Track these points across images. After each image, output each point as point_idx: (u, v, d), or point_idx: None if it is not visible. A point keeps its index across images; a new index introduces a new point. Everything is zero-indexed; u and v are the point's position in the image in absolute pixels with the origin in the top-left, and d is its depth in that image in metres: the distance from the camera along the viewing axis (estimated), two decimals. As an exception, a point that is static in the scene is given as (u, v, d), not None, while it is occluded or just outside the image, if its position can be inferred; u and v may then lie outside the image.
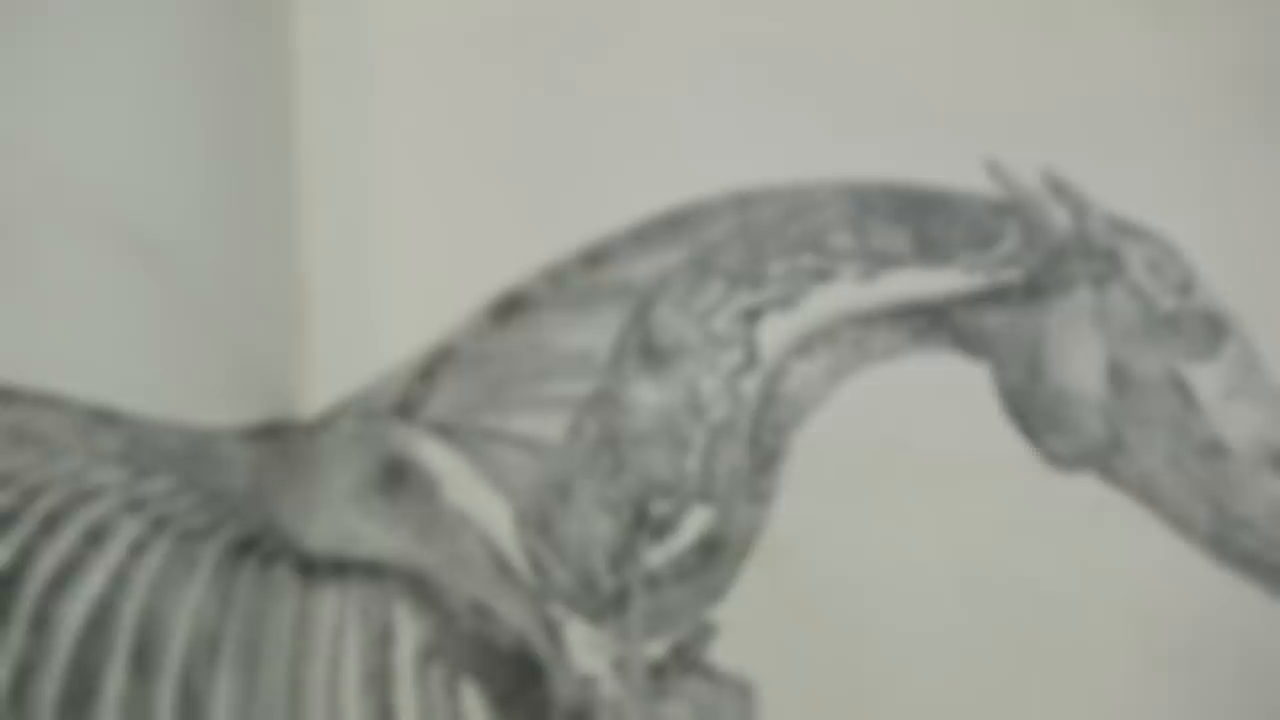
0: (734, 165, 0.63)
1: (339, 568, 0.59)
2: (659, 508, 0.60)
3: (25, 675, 0.54)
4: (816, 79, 0.65)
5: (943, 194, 0.63)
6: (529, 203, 0.64)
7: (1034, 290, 0.62)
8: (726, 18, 0.66)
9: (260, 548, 0.59)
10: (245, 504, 0.59)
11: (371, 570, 0.59)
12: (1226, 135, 0.65)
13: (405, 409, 0.61)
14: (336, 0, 0.64)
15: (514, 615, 0.59)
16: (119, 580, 0.56)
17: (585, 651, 0.59)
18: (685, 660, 0.59)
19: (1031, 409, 0.61)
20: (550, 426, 0.61)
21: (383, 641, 0.58)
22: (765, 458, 0.61)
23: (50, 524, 0.56)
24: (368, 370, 0.62)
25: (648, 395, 0.61)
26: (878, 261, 0.62)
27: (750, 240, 0.62)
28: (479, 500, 0.60)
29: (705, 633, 0.60)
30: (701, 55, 0.66)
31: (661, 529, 0.60)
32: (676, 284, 0.62)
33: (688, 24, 0.66)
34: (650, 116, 0.65)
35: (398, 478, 0.61)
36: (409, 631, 0.59)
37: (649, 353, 0.61)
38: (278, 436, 0.61)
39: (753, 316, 0.62)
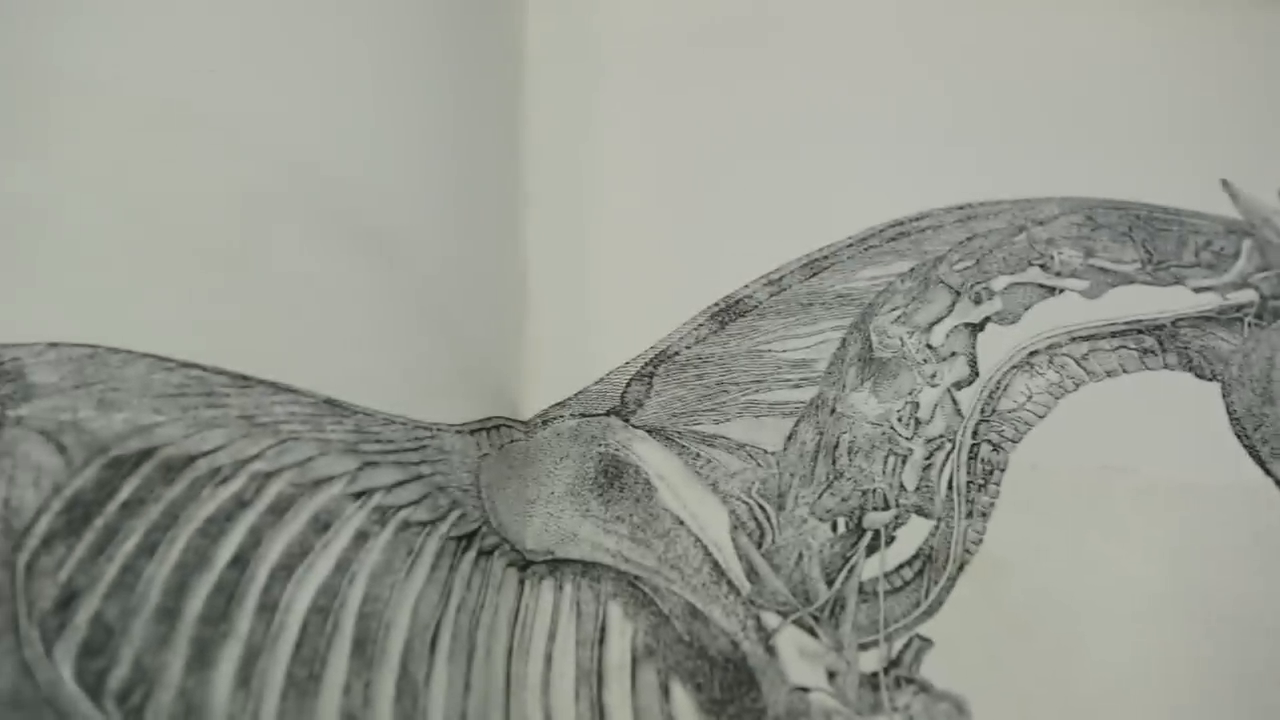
0: (959, 178, 0.62)
1: (555, 565, 0.59)
2: (875, 519, 0.59)
3: (253, 658, 0.54)
4: (1045, 94, 0.64)
5: (1174, 212, 0.61)
6: (751, 209, 0.64)
7: (1268, 313, 0.60)
8: (956, 32, 0.65)
9: (479, 542, 0.59)
10: (466, 498, 0.59)
11: (586, 570, 0.59)
12: None
13: (623, 411, 0.61)
14: (566, 4, 0.64)
15: (727, 620, 0.58)
16: (343, 568, 0.56)
17: (798, 660, 0.58)
18: (899, 674, 0.58)
19: (1262, 433, 0.59)
20: (768, 433, 0.60)
21: (596, 641, 0.58)
22: (984, 473, 0.60)
23: (279, 510, 0.56)
24: (587, 371, 0.61)
25: (866, 405, 0.60)
26: (1105, 278, 0.61)
27: (974, 253, 0.61)
28: (694, 504, 0.60)
29: (920, 647, 0.58)
30: (931, 68, 0.65)
31: (877, 541, 0.59)
32: (898, 295, 0.61)
33: (918, 37, 0.65)
34: (877, 127, 0.64)
35: (614, 479, 0.60)
36: (622, 632, 0.58)
37: (869, 363, 0.60)
38: (498, 433, 0.61)
39: (975, 330, 0.60)
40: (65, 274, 0.59)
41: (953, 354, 0.60)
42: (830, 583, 0.58)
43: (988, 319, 0.61)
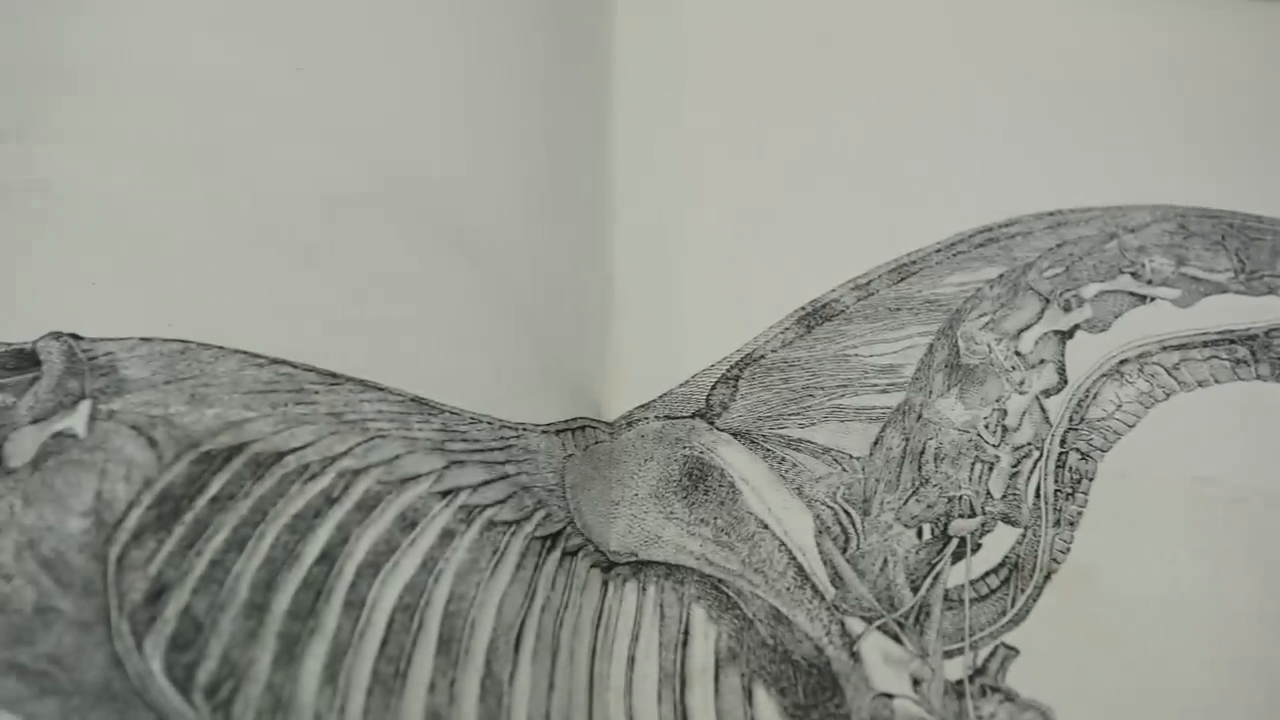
0: (1049, 184, 0.62)
1: (638, 567, 0.59)
2: (961, 526, 0.59)
3: (339, 655, 0.54)
4: (1138, 100, 0.63)
5: (1268, 222, 0.60)
6: (838, 212, 0.63)
7: (1366, 326, 0.59)
8: (1049, 36, 0.64)
9: (564, 542, 0.58)
10: (551, 498, 0.59)
11: (670, 572, 0.59)
12: None
13: (708, 413, 0.61)
14: (654, 5, 0.64)
15: (811, 625, 0.58)
16: (429, 567, 0.56)
17: (883, 666, 0.57)
18: (985, 682, 0.57)
19: None
20: (853, 438, 0.60)
21: (680, 643, 0.58)
22: (1072, 482, 0.59)
23: (367, 508, 0.56)
24: (672, 373, 0.61)
25: (953, 412, 0.59)
26: (1197, 287, 0.60)
27: (1064, 260, 0.60)
28: (779, 508, 0.59)
29: (1006, 655, 0.58)
30: (1019, 72, 0.64)
31: (963, 548, 0.58)
32: (987, 301, 0.60)
33: (1006, 41, 0.64)
34: (966, 132, 0.64)
35: (699, 482, 0.60)
36: (706, 635, 0.58)
37: (956, 369, 0.60)
38: (583, 434, 0.60)
39: (1064, 337, 0.60)
40: (159, 270, 0.59)
41: (1041, 361, 0.60)
42: (915, 589, 0.58)
43: (1077, 326, 0.60)
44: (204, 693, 0.51)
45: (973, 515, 0.58)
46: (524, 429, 0.60)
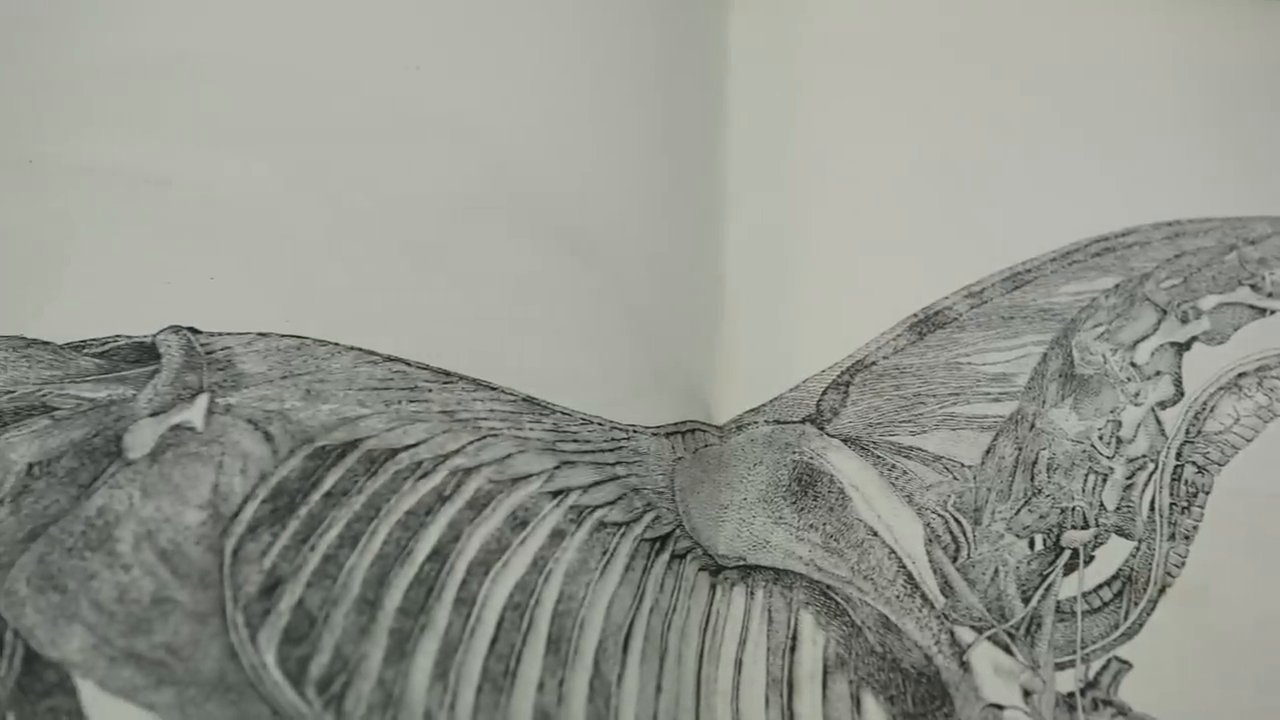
0: (1167, 194, 0.61)
1: (746, 571, 0.58)
2: (1074, 538, 0.58)
3: (450, 652, 0.54)
4: (1257, 109, 0.62)
5: (1397, 234, 0.59)
6: (952, 219, 0.62)
7: None
8: (1168, 45, 0.63)
9: (672, 545, 0.58)
10: (660, 501, 0.59)
11: (778, 577, 0.58)
12: None
13: (818, 419, 0.60)
14: (770, 7, 0.64)
15: (921, 634, 0.57)
16: (539, 566, 0.56)
17: (993, 677, 0.57)
18: (1097, 695, 0.56)
19: None
20: (965, 447, 0.59)
21: (788, 649, 0.57)
22: (1188, 495, 0.58)
23: (478, 506, 0.56)
24: (782, 378, 0.61)
25: (1067, 422, 0.59)
26: (1319, 301, 0.59)
27: (1182, 271, 0.59)
28: (889, 515, 0.59)
29: (1119, 669, 0.57)
30: (1141, 81, 0.63)
31: (1076, 559, 0.58)
32: (1102, 311, 0.59)
33: (1128, 48, 0.63)
34: (1083, 140, 0.63)
35: (808, 487, 0.59)
36: (814, 641, 0.57)
37: (1070, 379, 0.59)
38: (692, 437, 0.60)
39: (1181, 349, 0.59)
40: (278, 267, 0.59)
41: (1157, 373, 0.59)
42: (1026, 600, 0.57)
43: (1195, 338, 0.59)
44: (316, 687, 0.51)
45: (1086, 527, 0.58)
46: (634, 431, 0.60)
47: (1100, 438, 0.58)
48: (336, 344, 0.58)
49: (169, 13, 0.63)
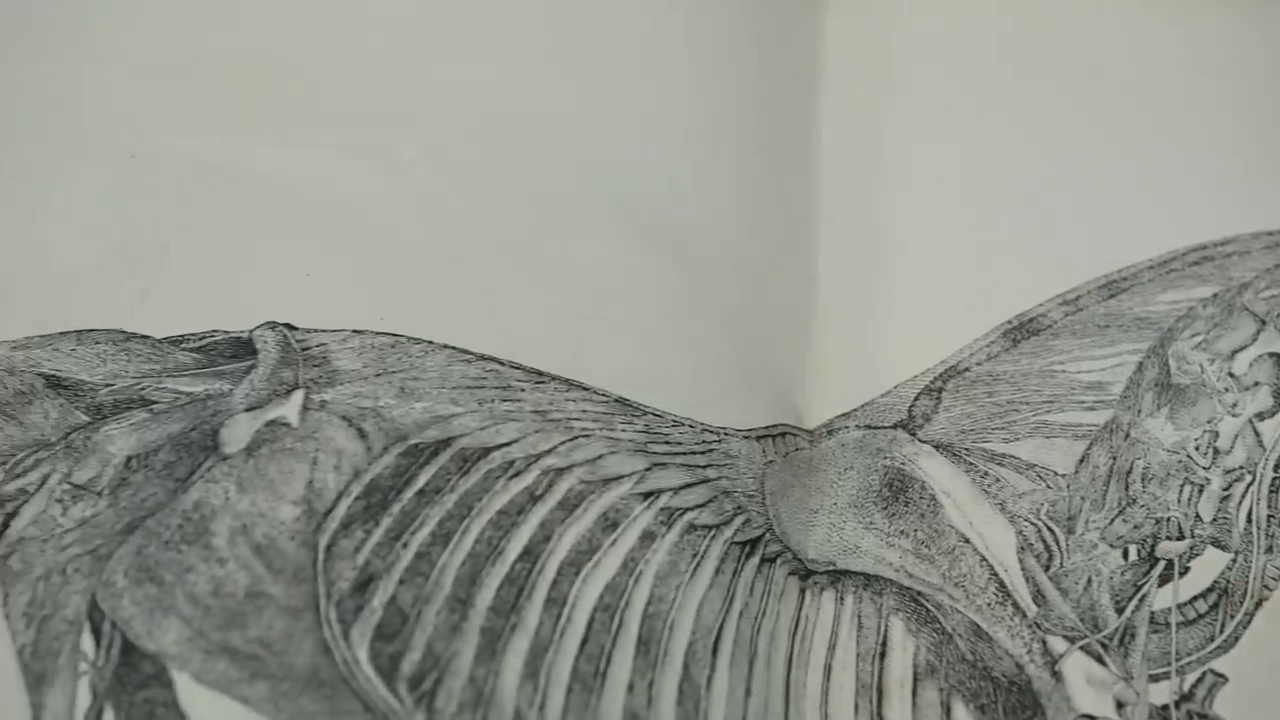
0: (1267, 203, 0.60)
1: (836, 576, 0.58)
2: (1169, 548, 0.57)
3: (540, 652, 0.53)
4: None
5: None
6: (1046, 226, 0.62)
7: None
8: (1266, 55, 0.62)
9: (762, 549, 0.58)
10: (750, 504, 0.59)
11: (868, 582, 0.58)
12: None
13: (910, 424, 0.60)
14: (865, 9, 0.63)
15: (1012, 642, 0.56)
16: (629, 568, 0.55)
17: (1085, 687, 0.56)
18: (1192, 708, 0.56)
19: None
20: (1058, 455, 0.58)
21: (877, 655, 0.57)
22: (1287, 508, 0.57)
23: (569, 507, 0.56)
24: (873, 383, 0.60)
25: (1163, 432, 0.58)
26: None
27: (1282, 282, 0.59)
28: (980, 523, 0.58)
29: (1214, 682, 0.56)
30: (1241, 87, 0.62)
31: (1171, 570, 0.57)
32: (1200, 321, 0.59)
33: (1231, 57, 0.62)
34: (1182, 148, 0.62)
35: (899, 493, 0.59)
36: (904, 648, 0.57)
37: (1166, 389, 0.58)
38: (783, 441, 0.60)
39: (1280, 360, 0.58)
40: (373, 265, 0.59)
41: (1256, 384, 0.58)
42: (1120, 610, 0.56)
43: (1296, 349, 0.58)
44: (408, 683, 0.51)
45: (1181, 538, 0.57)
46: (725, 433, 0.59)
47: (1197, 448, 0.58)
48: (430, 342, 0.58)
49: (272, 12, 0.63)
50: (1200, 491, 0.57)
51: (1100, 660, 0.56)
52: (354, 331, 0.57)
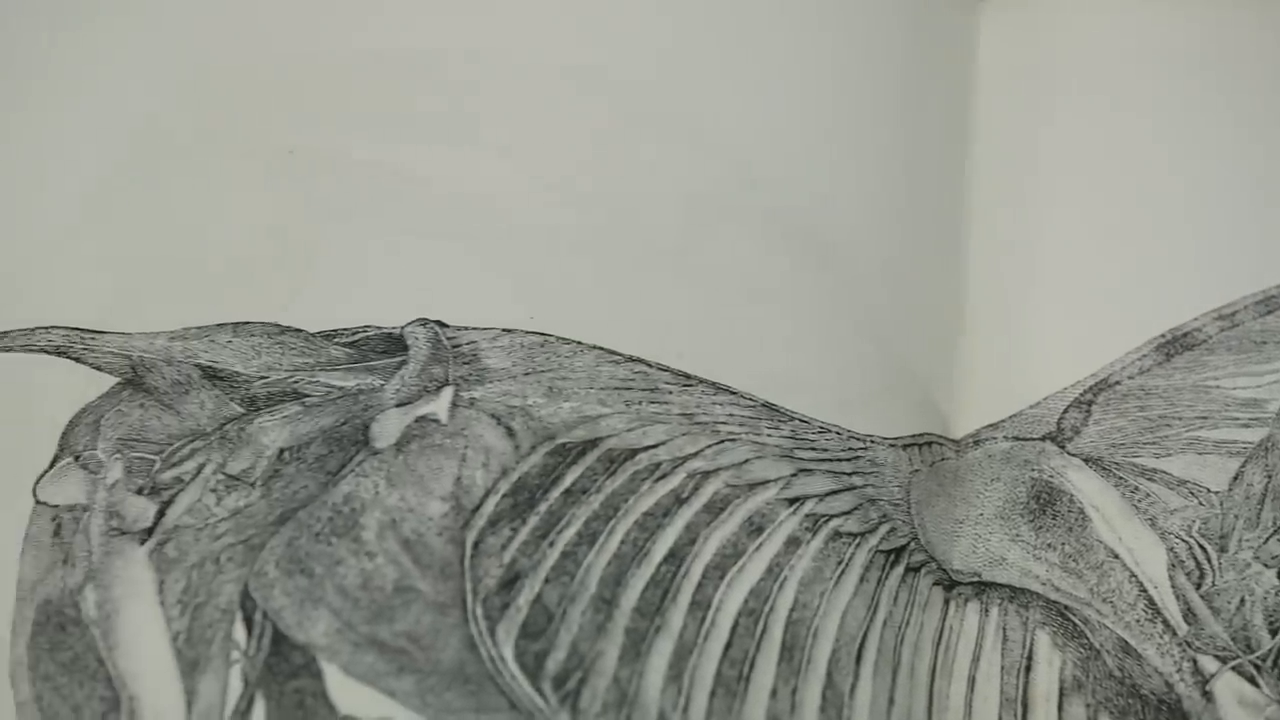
0: None
1: (981, 588, 0.57)
2: (1326, 570, 0.56)
3: (684, 654, 0.53)
4: None
5: None
6: (1201, 239, 0.61)
7: None
8: None
9: (907, 558, 0.57)
10: (896, 513, 0.58)
11: (1014, 595, 0.57)
12: None
13: (1059, 437, 0.59)
14: (1022, 19, 0.62)
15: (1162, 660, 0.55)
16: (774, 573, 0.55)
17: (1237, 708, 0.55)
18: (1347, 734, 0.54)
19: None
20: (1210, 472, 0.57)
21: (1023, 668, 0.56)
22: None
23: (715, 510, 0.56)
24: (1022, 394, 0.59)
25: (1320, 451, 0.57)
26: None
27: None
28: (1130, 538, 0.57)
29: (1370, 709, 0.55)
30: None
31: (1327, 592, 0.56)
32: (1362, 338, 0.58)
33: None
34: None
35: (1047, 505, 0.58)
36: (1050, 662, 0.56)
37: (1326, 407, 0.57)
38: (929, 450, 0.59)
39: None
40: (523, 264, 0.59)
41: None
42: (1274, 632, 0.55)
43: None
44: (553, 682, 0.51)
45: (1339, 560, 0.55)
46: (871, 441, 0.59)
47: (1357, 469, 0.56)
48: (579, 343, 0.58)
49: (428, 11, 0.63)
50: (1360, 513, 0.56)
51: (1253, 681, 0.55)
52: (504, 330, 0.57)
